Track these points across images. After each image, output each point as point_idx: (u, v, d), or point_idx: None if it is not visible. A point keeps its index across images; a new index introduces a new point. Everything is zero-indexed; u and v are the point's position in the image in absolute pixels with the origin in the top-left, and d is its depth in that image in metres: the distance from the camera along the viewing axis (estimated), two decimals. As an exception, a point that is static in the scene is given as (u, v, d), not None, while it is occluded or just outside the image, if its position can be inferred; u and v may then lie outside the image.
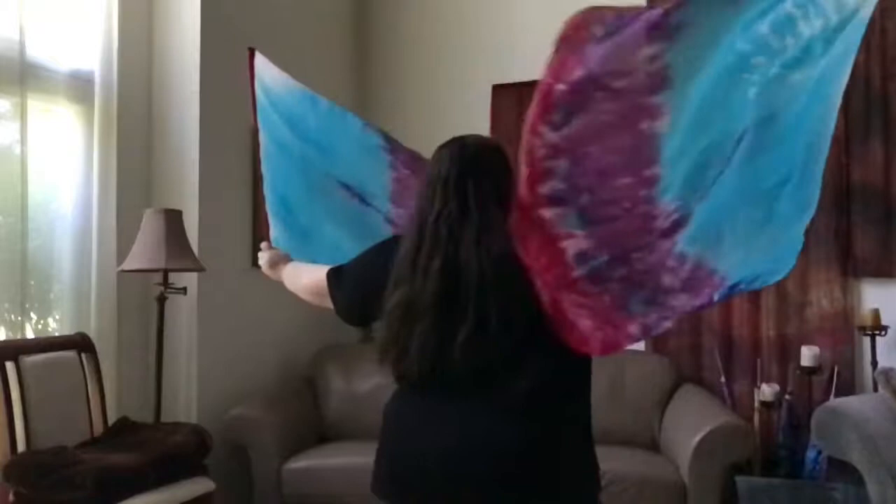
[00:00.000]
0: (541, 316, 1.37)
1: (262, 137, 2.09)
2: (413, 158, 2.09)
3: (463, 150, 1.57)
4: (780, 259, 1.34)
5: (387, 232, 2.03)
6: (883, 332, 3.37)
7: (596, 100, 1.21)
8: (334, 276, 1.69)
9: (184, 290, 3.11)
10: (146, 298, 3.29)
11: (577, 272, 1.28)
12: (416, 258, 1.46)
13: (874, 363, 3.35)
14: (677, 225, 1.26)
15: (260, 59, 2.14)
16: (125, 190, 3.24)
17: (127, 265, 3.00)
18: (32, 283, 3.00)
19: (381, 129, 2.12)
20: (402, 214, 2.04)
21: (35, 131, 2.94)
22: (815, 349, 3.38)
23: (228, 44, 3.52)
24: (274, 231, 2.10)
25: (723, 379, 3.61)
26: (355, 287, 1.65)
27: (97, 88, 3.17)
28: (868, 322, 3.38)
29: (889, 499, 2.64)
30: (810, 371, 3.36)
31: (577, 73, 1.20)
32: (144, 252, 2.96)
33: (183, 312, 3.31)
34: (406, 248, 1.50)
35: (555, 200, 1.25)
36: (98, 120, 3.16)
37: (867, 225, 3.49)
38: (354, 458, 3.33)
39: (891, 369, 3.02)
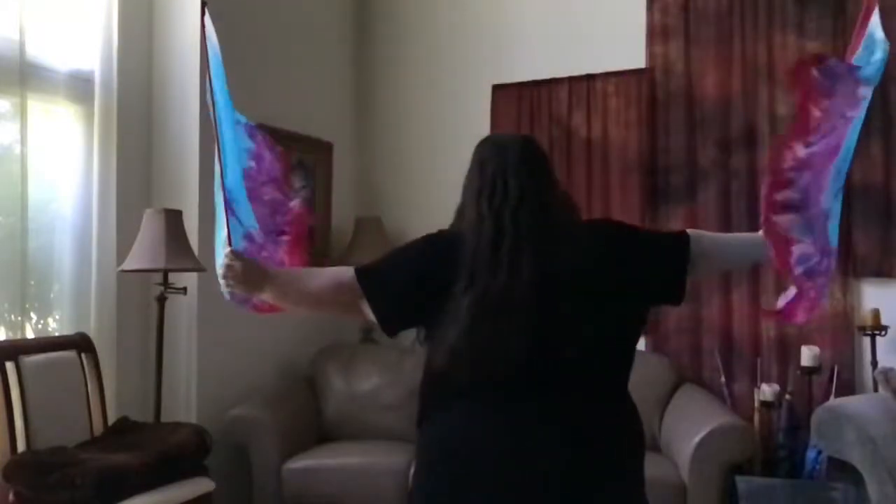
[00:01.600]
0: (627, 306, 1.44)
1: (213, 108, 1.80)
2: (274, 159, 1.84)
3: (524, 144, 1.57)
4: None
5: (246, 249, 1.74)
6: (883, 332, 3.36)
7: (837, 126, 1.43)
8: (368, 276, 1.50)
9: (184, 290, 3.11)
10: (146, 298, 3.29)
11: (797, 270, 1.47)
12: (498, 252, 1.39)
13: (874, 363, 3.35)
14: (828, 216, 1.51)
15: (207, 19, 1.89)
16: (125, 190, 3.24)
17: (127, 265, 3.00)
18: (32, 283, 3.00)
19: (255, 125, 1.85)
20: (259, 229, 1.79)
21: (35, 131, 2.94)
22: (815, 349, 3.38)
23: (228, 43, 3.51)
24: (232, 229, 1.71)
25: (723, 379, 3.61)
26: (406, 287, 1.48)
27: (97, 88, 3.17)
28: (868, 322, 3.37)
29: (889, 499, 2.64)
30: (810, 371, 3.36)
31: (825, 102, 1.41)
32: (144, 252, 2.96)
33: (183, 312, 3.31)
34: (480, 241, 1.42)
35: (786, 208, 1.44)
36: (98, 120, 3.17)
37: (867, 225, 3.48)
38: (354, 458, 3.34)
39: (891, 369, 3.02)
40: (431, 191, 4.19)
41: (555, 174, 1.57)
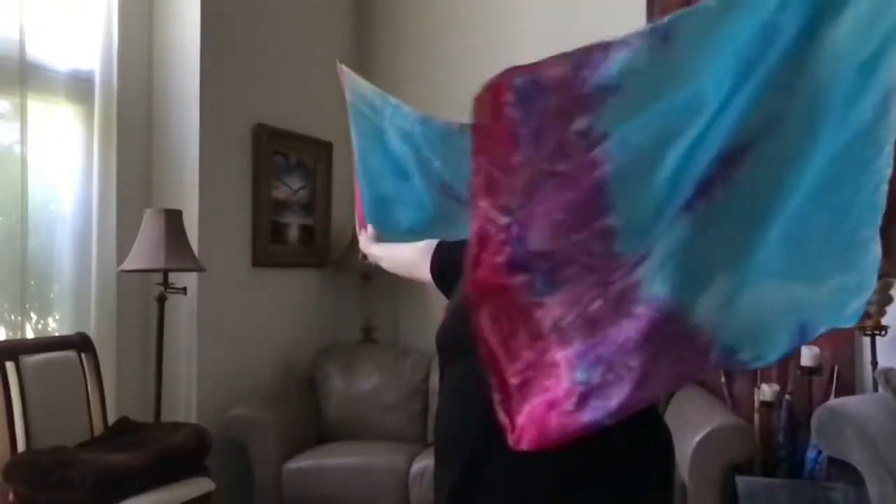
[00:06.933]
0: None
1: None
2: None
3: None
4: None
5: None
6: (883, 332, 3.36)
7: (543, 183, 1.10)
8: None
9: (184, 290, 3.11)
10: (146, 298, 3.29)
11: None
12: None
13: (874, 363, 3.35)
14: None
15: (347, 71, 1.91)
16: (125, 190, 3.25)
17: (127, 265, 3.00)
18: (32, 283, 3.00)
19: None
20: None
21: (35, 131, 2.94)
22: (815, 349, 3.37)
23: (228, 43, 3.52)
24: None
25: (723, 379, 3.61)
26: None
27: (97, 88, 3.17)
28: (868, 322, 3.37)
29: (889, 499, 2.64)
30: (810, 371, 3.36)
31: (514, 158, 1.10)
32: (144, 252, 2.97)
33: (183, 312, 3.31)
34: None
35: (515, 268, 1.10)
36: (98, 120, 3.17)
37: (867, 225, 3.48)
38: (354, 458, 3.35)
39: (891, 369, 3.02)
40: (431, 191, 4.19)
41: None
